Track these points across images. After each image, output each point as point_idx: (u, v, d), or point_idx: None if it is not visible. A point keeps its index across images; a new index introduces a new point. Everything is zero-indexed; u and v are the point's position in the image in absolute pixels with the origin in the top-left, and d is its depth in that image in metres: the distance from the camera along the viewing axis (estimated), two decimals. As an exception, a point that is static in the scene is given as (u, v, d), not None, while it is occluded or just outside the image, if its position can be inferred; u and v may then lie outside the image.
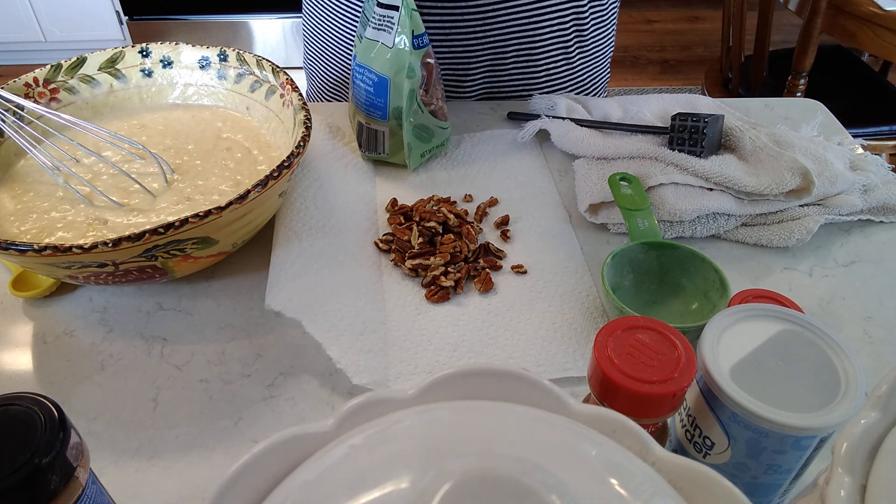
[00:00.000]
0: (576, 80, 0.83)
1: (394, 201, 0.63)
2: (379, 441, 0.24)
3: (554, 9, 0.75)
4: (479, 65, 0.77)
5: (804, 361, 0.33)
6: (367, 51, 0.62)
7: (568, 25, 0.77)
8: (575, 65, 0.81)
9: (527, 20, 0.74)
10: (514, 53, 0.77)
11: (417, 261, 0.55)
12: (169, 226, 0.44)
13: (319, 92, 0.88)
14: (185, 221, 0.44)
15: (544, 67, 0.79)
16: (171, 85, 0.65)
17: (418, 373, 0.49)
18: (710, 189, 0.59)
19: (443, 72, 0.78)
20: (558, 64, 0.80)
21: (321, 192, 0.58)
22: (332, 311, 0.50)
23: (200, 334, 0.52)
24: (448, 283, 0.54)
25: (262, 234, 0.57)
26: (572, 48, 0.79)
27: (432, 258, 0.55)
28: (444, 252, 0.56)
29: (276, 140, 0.61)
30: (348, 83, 0.83)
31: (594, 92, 0.86)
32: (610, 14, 0.82)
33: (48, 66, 0.61)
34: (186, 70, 0.65)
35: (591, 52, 0.82)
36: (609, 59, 0.88)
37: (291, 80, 0.59)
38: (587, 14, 0.78)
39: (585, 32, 0.79)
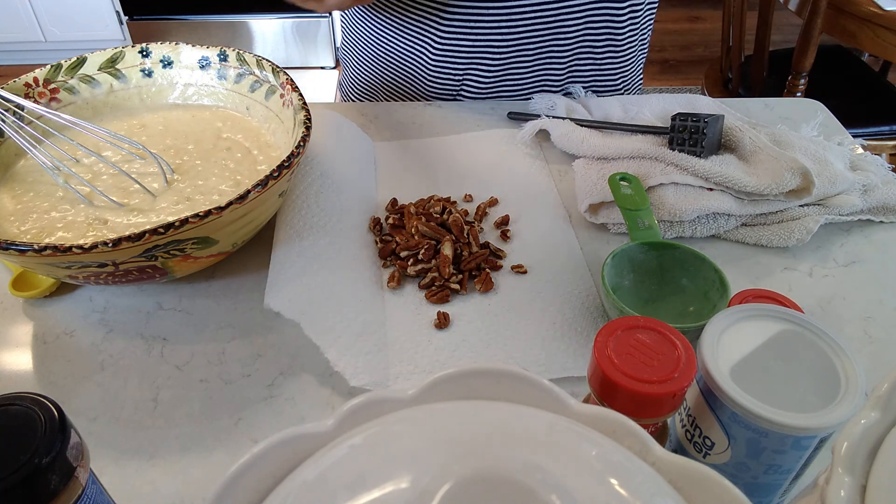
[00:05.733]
0: (608, 82, 0.83)
1: (394, 201, 0.63)
2: (379, 441, 0.24)
3: (584, 9, 0.75)
4: (502, 67, 0.78)
5: (804, 361, 0.33)
6: None
7: (599, 28, 0.77)
8: (605, 69, 0.81)
9: (555, 21, 0.74)
10: (539, 53, 0.77)
11: (420, 266, 0.55)
12: (169, 226, 0.44)
13: (351, 84, 0.89)
14: (185, 221, 0.44)
15: (568, 66, 0.79)
16: (171, 85, 0.65)
17: (418, 373, 0.49)
18: (710, 189, 0.59)
19: (465, 72, 0.78)
20: (584, 65, 0.80)
21: (321, 191, 0.58)
22: (332, 312, 0.50)
23: (200, 334, 0.52)
24: (454, 284, 0.54)
25: (262, 234, 0.57)
26: (603, 52, 0.79)
27: (434, 261, 0.55)
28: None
29: (276, 140, 0.61)
30: (379, 81, 0.84)
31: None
32: (646, 20, 0.82)
33: (48, 66, 0.61)
34: (186, 70, 0.65)
35: (624, 57, 0.82)
36: (642, 63, 0.87)
37: (291, 80, 0.59)
38: (625, 20, 0.77)
39: (620, 41, 0.79)
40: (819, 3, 1.29)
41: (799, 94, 1.44)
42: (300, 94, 0.57)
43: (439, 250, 0.56)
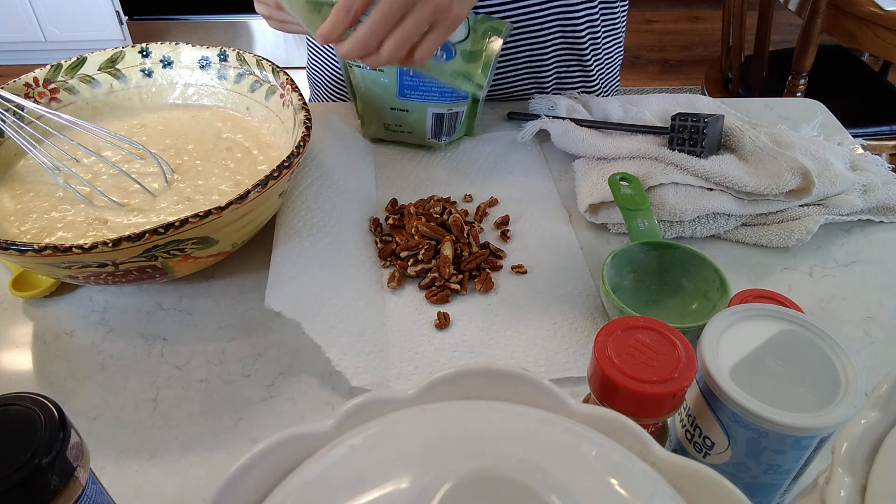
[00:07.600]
0: (590, 83, 0.83)
1: (394, 202, 0.63)
2: (379, 441, 0.24)
3: (567, 10, 0.75)
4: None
5: (804, 361, 0.33)
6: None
7: (582, 28, 0.77)
8: (590, 69, 0.81)
9: (535, 24, 0.74)
10: (525, 56, 0.77)
11: (420, 266, 0.55)
12: (169, 226, 0.44)
13: (324, 95, 0.88)
14: (185, 221, 0.44)
15: (554, 70, 0.79)
16: (171, 85, 0.65)
17: (418, 373, 0.49)
18: (710, 189, 0.59)
19: None
20: (570, 67, 0.80)
21: (321, 191, 0.58)
22: (332, 312, 0.50)
23: (200, 334, 0.52)
24: (454, 285, 0.54)
25: (262, 234, 0.57)
26: (587, 51, 0.79)
27: (434, 261, 0.55)
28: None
29: (276, 140, 0.61)
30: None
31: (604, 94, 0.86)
32: (620, 16, 0.82)
33: (48, 66, 0.61)
34: (186, 70, 0.65)
35: (603, 55, 0.82)
36: (619, 62, 0.87)
37: (291, 80, 0.59)
38: (597, 16, 0.78)
39: (598, 35, 0.79)
40: (819, 3, 1.29)
41: (799, 94, 1.44)
42: (300, 94, 0.57)
43: (439, 250, 0.56)
